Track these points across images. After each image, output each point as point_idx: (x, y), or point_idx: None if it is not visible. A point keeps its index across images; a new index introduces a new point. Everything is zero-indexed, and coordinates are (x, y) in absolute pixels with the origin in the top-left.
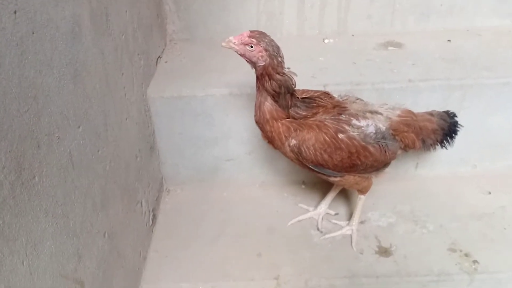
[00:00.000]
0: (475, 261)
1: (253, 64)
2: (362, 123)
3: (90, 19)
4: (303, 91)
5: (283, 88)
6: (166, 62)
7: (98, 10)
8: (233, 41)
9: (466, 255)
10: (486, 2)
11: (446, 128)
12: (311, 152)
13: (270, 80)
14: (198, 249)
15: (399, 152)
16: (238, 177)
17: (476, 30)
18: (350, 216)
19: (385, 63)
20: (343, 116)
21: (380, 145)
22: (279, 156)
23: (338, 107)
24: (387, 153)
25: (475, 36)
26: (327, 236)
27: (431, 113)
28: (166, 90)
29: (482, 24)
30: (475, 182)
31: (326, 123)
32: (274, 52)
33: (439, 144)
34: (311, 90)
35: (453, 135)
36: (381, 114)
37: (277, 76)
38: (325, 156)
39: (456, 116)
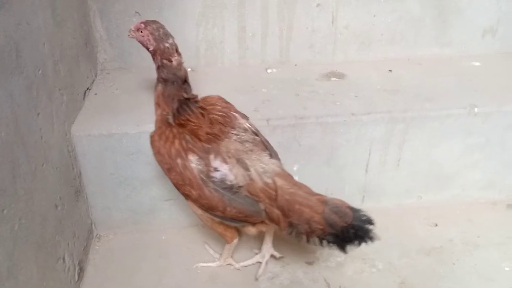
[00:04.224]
0: None
1: (147, 50)
2: (216, 164)
3: None
4: (214, 99)
5: (169, 75)
6: (95, 94)
7: (6, 47)
8: (132, 28)
9: None
10: (426, 31)
11: (339, 230)
12: (154, 154)
13: (158, 66)
14: None
15: (267, 221)
16: (178, 218)
17: (416, 59)
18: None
19: (328, 95)
20: (206, 145)
21: (222, 195)
22: None
23: (212, 135)
24: (228, 208)
25: (416, 65)
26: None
27: (324, 200)
28: (94, 127)
29: (423, 53)
30: (422, 213)
31: (180, 138)
32: (160, 37)
33: (318, 241)
34: (228, 106)
35: (350, 242)
36: (248, 170)
37: (164, 61)
38: (164, 166)
39: (371, 224)
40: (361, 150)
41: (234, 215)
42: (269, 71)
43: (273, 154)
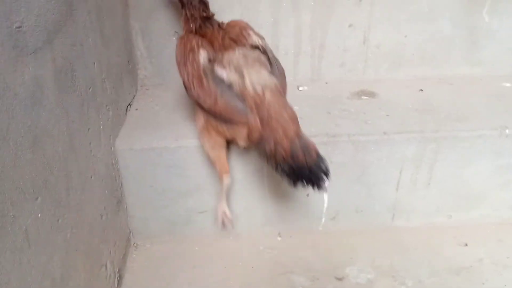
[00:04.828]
0: None
1: None
2: (216, 68)
3: (54, 78)
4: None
5: None
6: (136, 109)
7: (63, 67)
8: None
9: None
10: (456, 51)
11: (297, 165)
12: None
13: None
14: None
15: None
16: (211, 230)
17: (447, 79)
18: None
19: (359, 113)
20: (216, 55)
21: (217, 86)
22: (255, 206)
23: (223, 46)
24: (218, 99)
25: (446, 85)
26: None
27: (299, 134)
28: (136, 142)
29: (453, 72)
30: (451, 233)
31: (198, 40)
32: None
33: (275, 165)
34: (245, 26)
35: (300, 180)
36: (243, 78)
37: None
38: (177, 59)
39: (326, 175)
40: (392, 168)
41: (223, 108)
42: (300, 88)
43: (276, 72)
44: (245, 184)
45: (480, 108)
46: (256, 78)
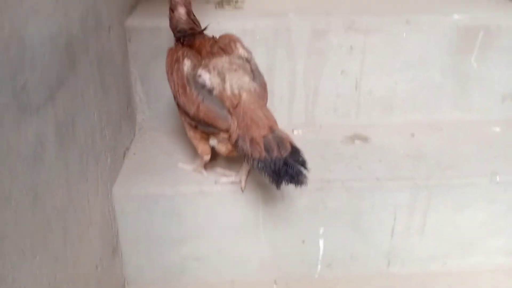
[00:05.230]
0: None
1: None
2: (200, 71)
3: (55, 133)
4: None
5: (172, 27)
6: (134, 154)
7: (65, 121)
8: None
9: None
10: (446, 97)
11: (273, 159)
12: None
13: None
14: None
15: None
16: (206, 277)
17: (437, 124)
18: None
19: (352, 158)
20: (202, 61)
21: (198, 93)
22: (250, 253)
23: (210, 53)
24: (200, 106)
25: (437, 131)
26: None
27: (272, 128)
28: (133, 187)
29: (443, 117)
30: (446, 280)
31: (184, 51)
32: None
33: (256, 164)
34: (235, 39)
35: (280, 176)
36: (224, 82)
37: (170, 12)
38: (167, 71)
39: (304, 167)
40: (386, 214)
41: (205, 114)
42: (295, 132)
43: (257, 82)
44: (240, 230)
45: (470, 154)
46: (236, 82)
